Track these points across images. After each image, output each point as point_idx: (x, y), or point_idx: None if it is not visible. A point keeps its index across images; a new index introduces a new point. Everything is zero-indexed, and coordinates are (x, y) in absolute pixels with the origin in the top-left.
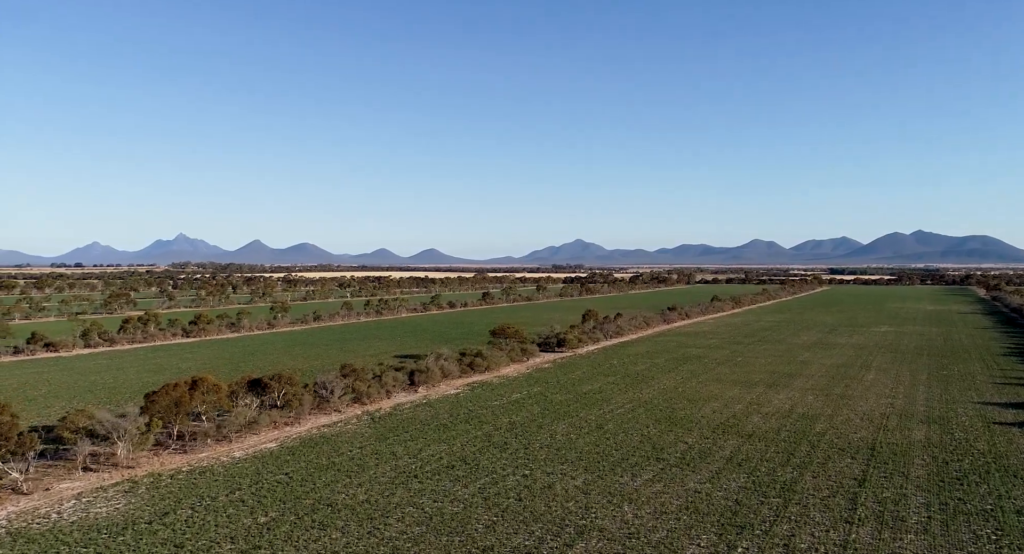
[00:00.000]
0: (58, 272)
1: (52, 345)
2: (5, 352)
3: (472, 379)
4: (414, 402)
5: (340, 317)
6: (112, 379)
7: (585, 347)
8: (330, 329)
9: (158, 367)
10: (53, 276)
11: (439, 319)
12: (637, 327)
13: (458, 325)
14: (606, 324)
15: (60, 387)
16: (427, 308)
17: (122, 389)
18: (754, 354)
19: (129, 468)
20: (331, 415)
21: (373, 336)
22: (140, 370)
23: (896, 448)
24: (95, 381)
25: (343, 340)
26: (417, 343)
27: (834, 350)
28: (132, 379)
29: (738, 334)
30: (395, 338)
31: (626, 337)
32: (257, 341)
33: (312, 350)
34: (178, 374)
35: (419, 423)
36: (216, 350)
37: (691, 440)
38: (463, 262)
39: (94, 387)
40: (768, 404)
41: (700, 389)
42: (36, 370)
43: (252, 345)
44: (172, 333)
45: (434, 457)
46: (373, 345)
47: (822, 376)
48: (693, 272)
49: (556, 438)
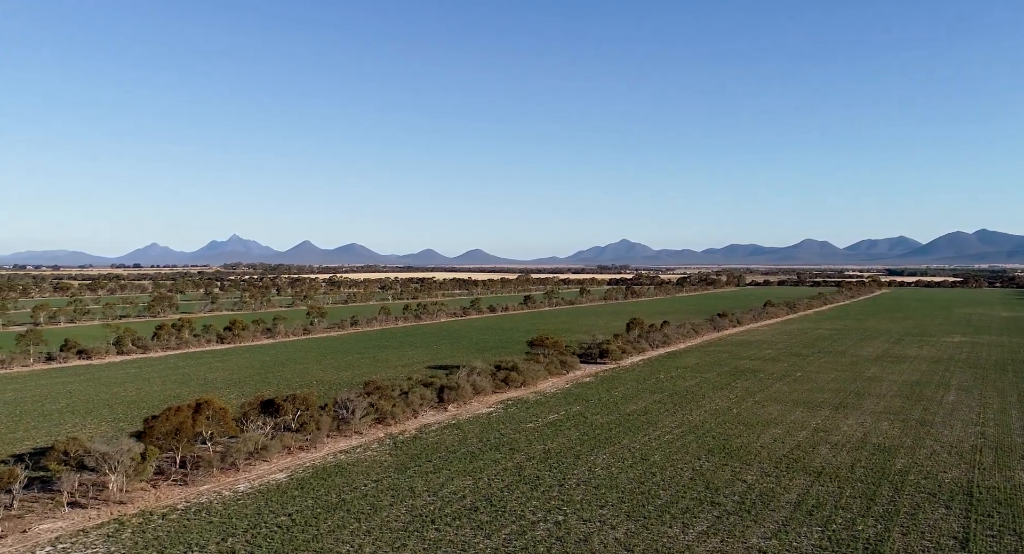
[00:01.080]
0: (116, 273)
1: (85, 352)
2: (38, 359)
3: (506, 395)
4: (442, 423)
5: (378, 322)
6: (135, 391)
7: (629, 358)
8: (366, 335)
9: (184, 377)
10: (109, 277)
11: (478, 324)
12: (685, 336)
13: (497, 331)
14: (652, 333)
15: (79, 400)
16: (467, 312)
17: (142, 403)
18: (815, 368)
19: (121, 503)
20: (351, 438)
21: (408, 343)
22: (165, 381)
23: (998, 494)
24: (117, 393)
25: (378, 347)
26: (452, 352)
27: (904, 364)
28: (155, 391)
29: (795, 344)
30: (431, 345)
31: (673, 346)
32: (291, 348)
33: (344, 359)
34: (203, 386)
35: (444, 450)
36: (247, 358)
37: (750, 478)
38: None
39: (114, 401)
40: (836, 431)
41: (757, 411)
42: (63, 380)
43: (285, 352)
44: (206, 339)
45: (456, 495)
46: (407, 353)
47: (895, 396)
48: (743, 273)
49: (595, 472)
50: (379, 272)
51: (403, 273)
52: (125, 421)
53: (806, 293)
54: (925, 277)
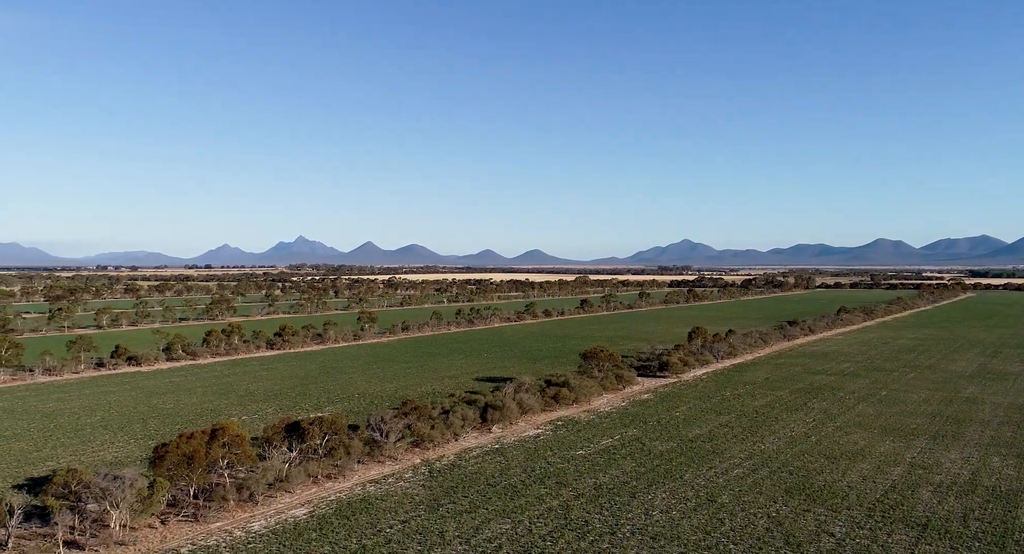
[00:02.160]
0: (186, 273)
1: (134, 359)
2: (89, 366)
3: (557, 414)
4: (484, 447)
5: (429, 327)
6: (173, 403)
7: (691, 372)
8: (416, 341)
9: (225, 388)
10: (179, 278)
11: (532, 330)
12: (753, 346)
13: (551, 338)
14: (716, 343)
15: (116, 413)
16: (521, 317)
17: (176, 417)
18: (902, 386)
19: (121, 544)
20: (384, 465)
21: (458, 350)
22: (206, 392)
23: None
24: (155, 406)
25: (427, 355)
26: (503, 362)
27: (1008, 382)
28: (193, 404)
29: (876, 356)
30: (481, 353)
31: (740, 358)
32: (339, 355)
33: (390, 368)
34: (242, 399)
35: (484, 481)
36: (293, 366)
37: (839, 530)
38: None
39: (149, 414)
40: (938, 468)
41: (840, 439)
42: (107, 388)
43: (332, 360)
44: (255, 346)
45: (491, 543)
46: (456, 362)
47: (1002, 423)
48: (811, 275)
49: (653, 516)
50: (438, 273)
51: (461, 274)
52: (155, 438)
53: (882, 297)
54: (1014, 279)
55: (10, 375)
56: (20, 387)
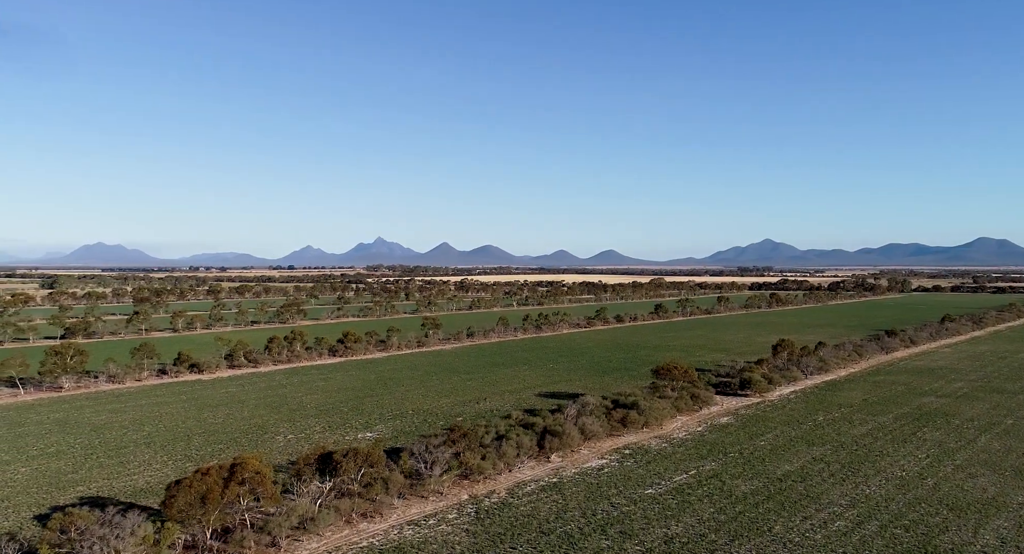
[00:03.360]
0: (268, 274)
1: (196, 366)
2: (151, 373)
3: (624, 440)
4: (540, 480)
5: (495, 333)
6: (223, 417)
7: (777, 390)
8: (480, 349)
9: (279, 400)
10: (262, 279)
11: (602, 338)
12: (846, 359)
13: (622, 348)
14: (804, 357)
15: (164, 428)
16: (591, 323)
17: (223, 433)
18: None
19: None
20: (426, 501)
21: (523, 361)
22: (258, 405)
23: None
24: (204, 420)
25: (489, 365)
26: (569, 374)
27: None
28: (243, 418)
29: (993, 374)
30: (547, 364)
31: (832, 374)
32: (400, 364)
33: (450, 380)
34: (292, 413)
35: (536, 528)
36: (352, 376)
37: None
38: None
39: (196, 430)
40: None
41: (964, 484)
42: (163, 399)
43: (392, 369)
44: (317, 353)
45: None
46: (519, 374)
47: None
48: (906, 277)
49: None
50: (510, 274)
51: (534, 276)
52: (194, 460)
53: (989, 302)
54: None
55: (75, 382)
56: (81, 396)
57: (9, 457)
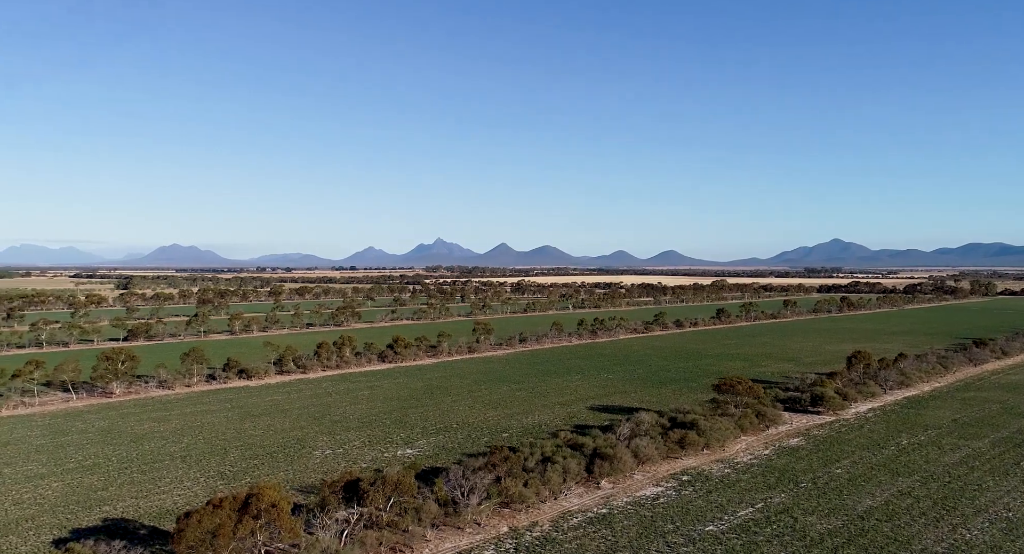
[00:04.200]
0: (329, 276)
1: (245, 372)
2: (201, 379)
3: (682, 464)
4: (588, 510)
5: (549, 339)
6: (263, 429)
7: (853, 407)
8: (533, 355)
9: (323, 409)
10: (323, 280)
11: (660, 344)
12: (930, 372)
13: (681, 356)
14: (883, 370)
15: (203, 440)
16: (649, 328)
17: (260, 446)
18: None
19: None
20: (462, 534)
21: (576, 369)
22: (300, 414)
23: None
24: (244, 431)
25: (541, 373)
26: (624, 385)
27: None
28: (283, 429)
29: None
30: (601, 373)
31: (915, 389)
32: (449, 370)
33: (498, 390)
34: (332, 426)
35: None
36: (399, 384)
37: None
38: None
39: (235, 442)
40: None
41: None
42: (208, 407)
43: (440, 377)
44: (367, 359)
45: None
46: (571, 384)
47: None
48: (990, 279)
49: None
50: (568, 275)
51: (591, 277)
52: (227, 477)
53: None
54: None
55: (126, 388)
56: (129, 402)
57: (46, 470)
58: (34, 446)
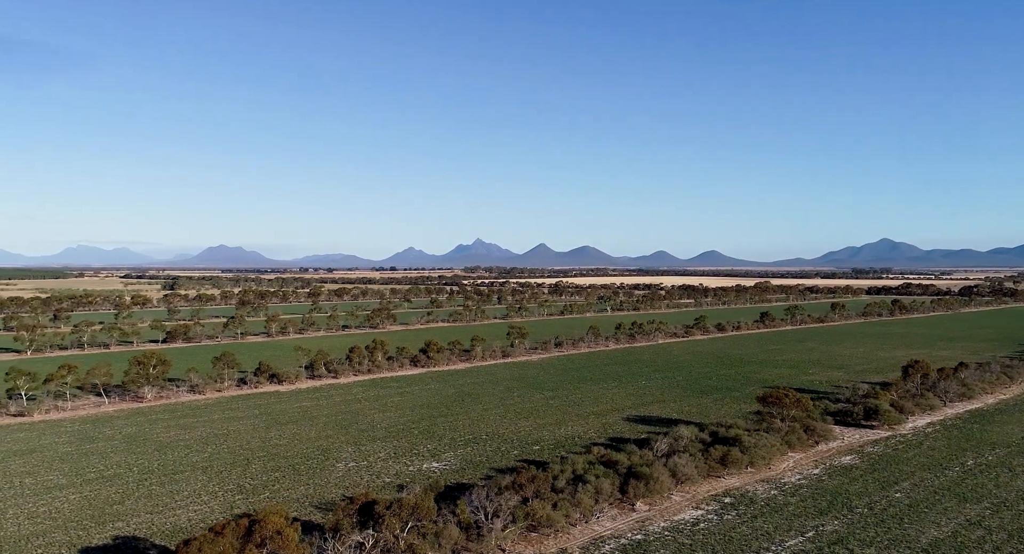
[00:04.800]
0: (369, 276)
1: (276, 377)
2: (232, 383)
3: (724, 484)
4: (621, 535)
5: (585, 343)
6: (289, 437)
7: (910, 421)
8: (569, 360)
9: (351, 417)
10: (363, 280)
11: (701, 350)
12: (994, 383)
13: (723, 362)
14: (943, 381)
15: (226, 449)
16: (689, 332)
17: (283, 457)
18: None
19: None
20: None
21: (612, 375)
22: (328, 422)
23: None
24: (269, 439)
25: (576, 380)
26: (662, 393)
27: None
28: (309, 438)
29: None
30: (638, 380)
31: (977, 401)
32: (482, 376)
33: (531, 398)
34: (358, 436)
35: None
36: (430, 390)
37: None
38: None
39: (259, 452)
40: None
41: None
42: (235, 413)
43: (473, 382)
44: (399, 363)
45: None
46: (607, 392)
47: None
48: None
49: None
50: (607, 276)
51: (631, 278)
52: (246, 491)
53: None
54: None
55: (157, 392)
56: (159, 407)
57: (66, 480)
58: (59, 454)
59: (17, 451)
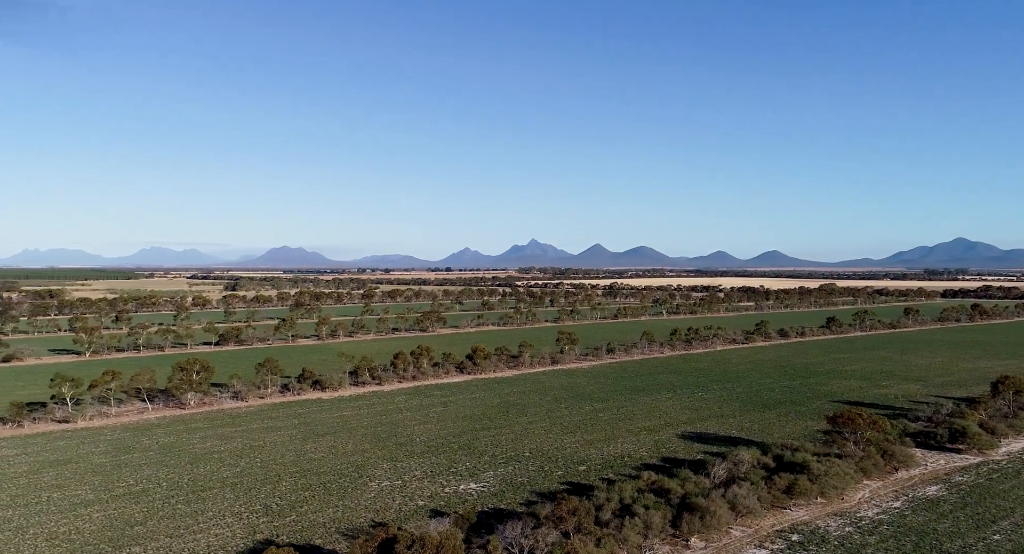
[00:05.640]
0: (424, 277)
1: (319, 383)
2: (275, 388)
3: (791, 517)
4: None
5: (638, 350)
6: (324, 451)
7: (1004, 444)
8: (621, 368)
9: (390, 428)
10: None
11: (763, 358)
12: None
13: (786, 372)
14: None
15: (258, 463)
16: (749, 338)
17: (316, 474)
18: None
19: None
20: None
21: (667, 385)
22: (366, 434)
23: None
24: (304, 453)
25: (628, 390)
26: (720, 407)
27: None
28: (345, 452)
29: None
30: (695, 391)
31: None
32: (529, 385)
33: (580, 410)
34: (394, 450)
35: None
36: (475, 399)
37: None
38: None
39: (291, 467)
40: None
41: None
42: (273, 423)
43: (519, 392)
44: (444, 370)
45: None
46: (660, 405)
47: None
48: None
49: None
50: (664, 277)
51: (688, 279)
52: (271, 513)
53: None
54: None
55: (200, 399)
56: (200, 415)
57: (93, 496)
58: (93, 465)
59: (53, 461)
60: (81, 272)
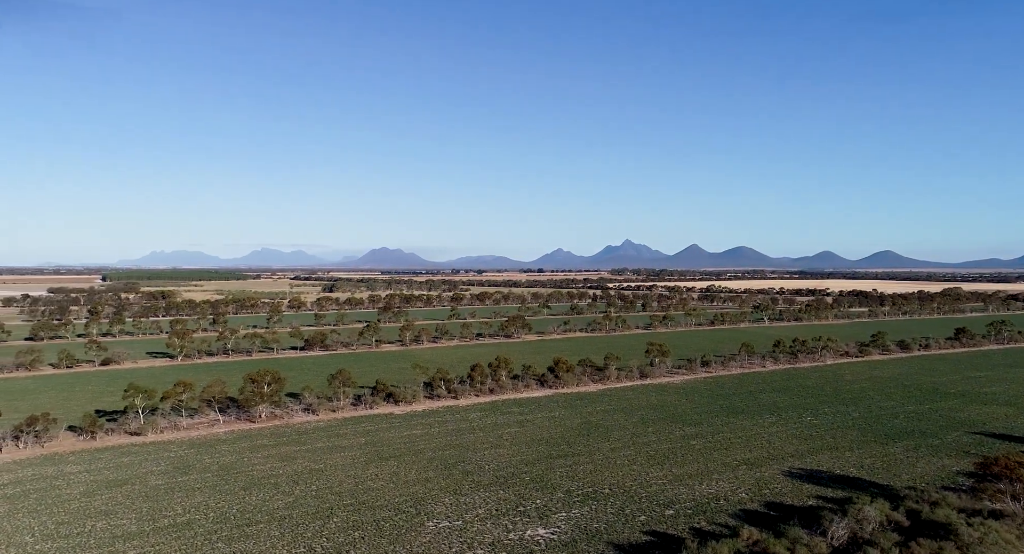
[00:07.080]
0: (514, 279)
1: (393, 396)
2: (348, 401)
3: None
4: None
5: (736, 363)
6: (385, 478)
7: None
8: (717, 384)
9: (459, 453)
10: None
11: (881, 375)
12: None
13: (911, 394)
14: None
15: (314, 490)
16: (865, 351)
17: (373, 505)
18: None
19: None
20: None
21: (770, 407)
22: (432, 460)
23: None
24: (365, 480)
25: (725, 411)
26: (834, 437)
27: None
28: (407, 480)
29: None
30: (803, 415)
31: None
32: (614, 402)
33: (670, 434)
34: (458, 481)
35: None
36: (553, 418)
37: None
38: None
39: (347, 499)
40: None
41: None
42: (339, 441)
43: (604, 410)
44: (524, 384)
45: None
46: (763, 430)
47: None
48: None
49: None
50: (764, 279)
51: (791, 282)
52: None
53: None
54: None
55: (270, 411)
56: (268, 430)
57: (136, 528)
58: (147, 489)
59: (111, 482)
60: (196, 273)
